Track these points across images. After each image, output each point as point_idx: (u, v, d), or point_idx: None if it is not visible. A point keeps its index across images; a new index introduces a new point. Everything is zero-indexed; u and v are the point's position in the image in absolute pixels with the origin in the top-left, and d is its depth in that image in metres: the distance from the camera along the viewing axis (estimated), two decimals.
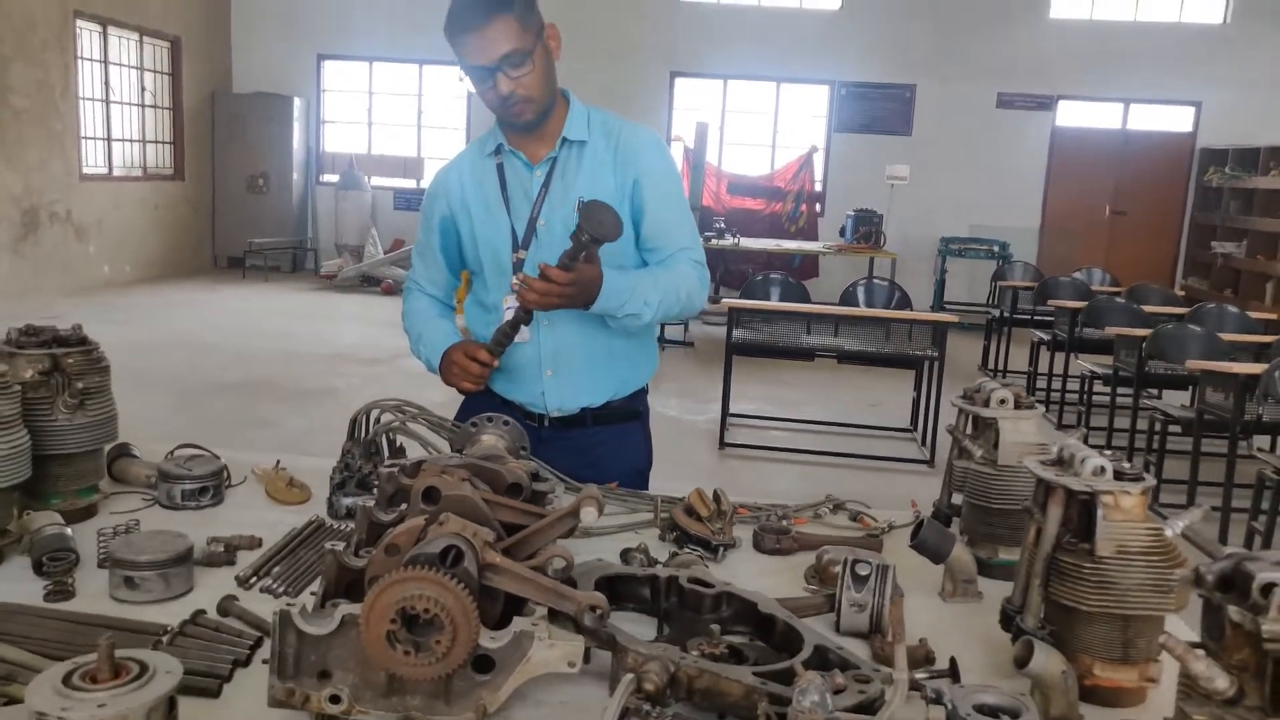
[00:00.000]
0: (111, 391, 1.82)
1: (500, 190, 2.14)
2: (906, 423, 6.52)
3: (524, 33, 1.94)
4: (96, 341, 1.80)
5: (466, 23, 1.92)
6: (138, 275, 11.27)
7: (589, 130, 2.12)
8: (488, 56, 1.93)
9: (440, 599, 1.11)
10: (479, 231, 2.16)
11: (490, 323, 2.16)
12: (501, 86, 1.95)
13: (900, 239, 10.70)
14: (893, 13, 12.00)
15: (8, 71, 9.14)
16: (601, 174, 2.10)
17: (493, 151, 2.14)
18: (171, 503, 1.85)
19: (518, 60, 1.94)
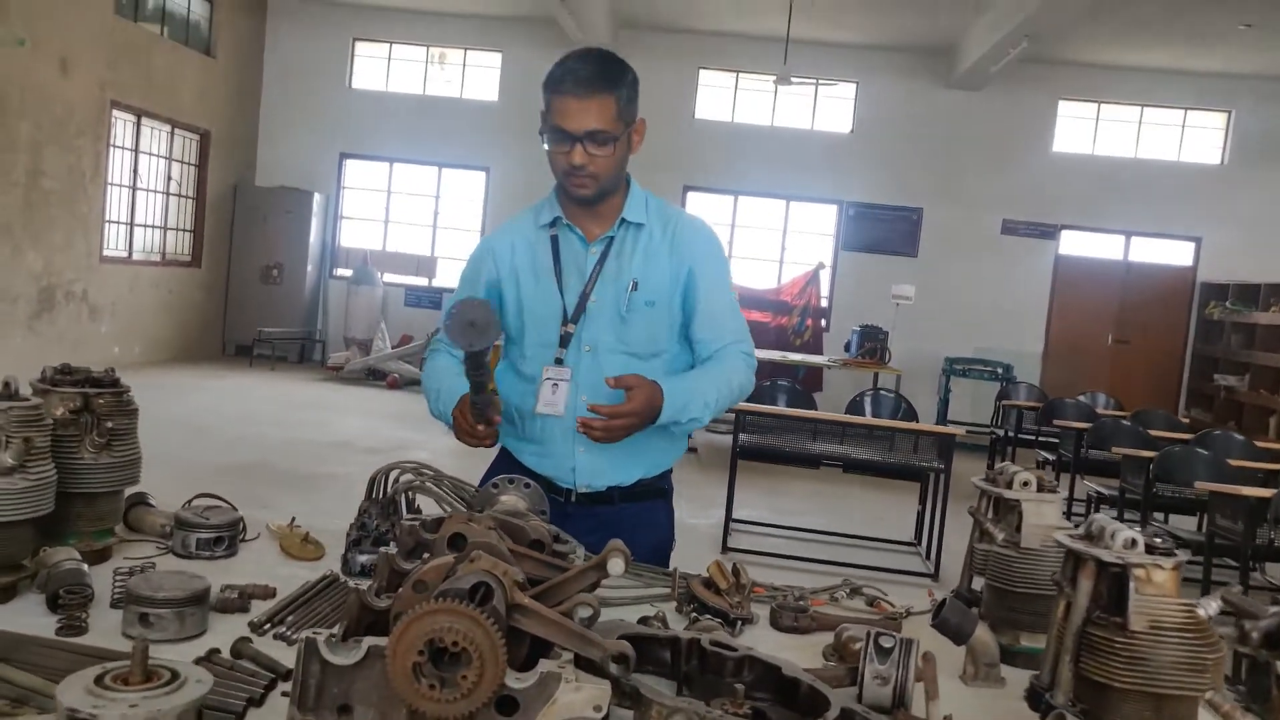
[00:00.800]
0: (138, 436, 1.83)
1: (553, 262, 2.14)
2: (909, 536, 6.46)
3: (618, 119, 2.00)
4: (128, 385, 1.82)
5: (571, 88, 1.97)
6: (147, 358, 11.34)
7: (647, 214, 2.15)
8: (578, 125, 1.97)
9: (470, 633, 1.09)
10: (526, 300, 2.15)
11: (527, 392, 2.16)
12: (576, 157, 1.99)
13: (904, 357, 10.78)
14: (901, 139, 12.41)
15: (41, 155, 9.41)
16: (657, 259, 2.13)
17: (548, 224, 2.16)
18: (186, 551, 1.84)
19: (603, 140, 1.99)
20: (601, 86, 1.98)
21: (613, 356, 2.10)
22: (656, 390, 1.97)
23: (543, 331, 2.14)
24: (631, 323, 2.10)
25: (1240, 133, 12.32)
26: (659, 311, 2.12)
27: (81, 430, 1.72)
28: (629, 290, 2.09)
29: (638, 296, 2.10)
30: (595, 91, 1.97)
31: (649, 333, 2.12)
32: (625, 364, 2.09)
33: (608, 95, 1.98)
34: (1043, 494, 1.72)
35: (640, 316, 2.10)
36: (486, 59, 13.00)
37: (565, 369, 2.11)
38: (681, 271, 2.13)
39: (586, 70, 1.99)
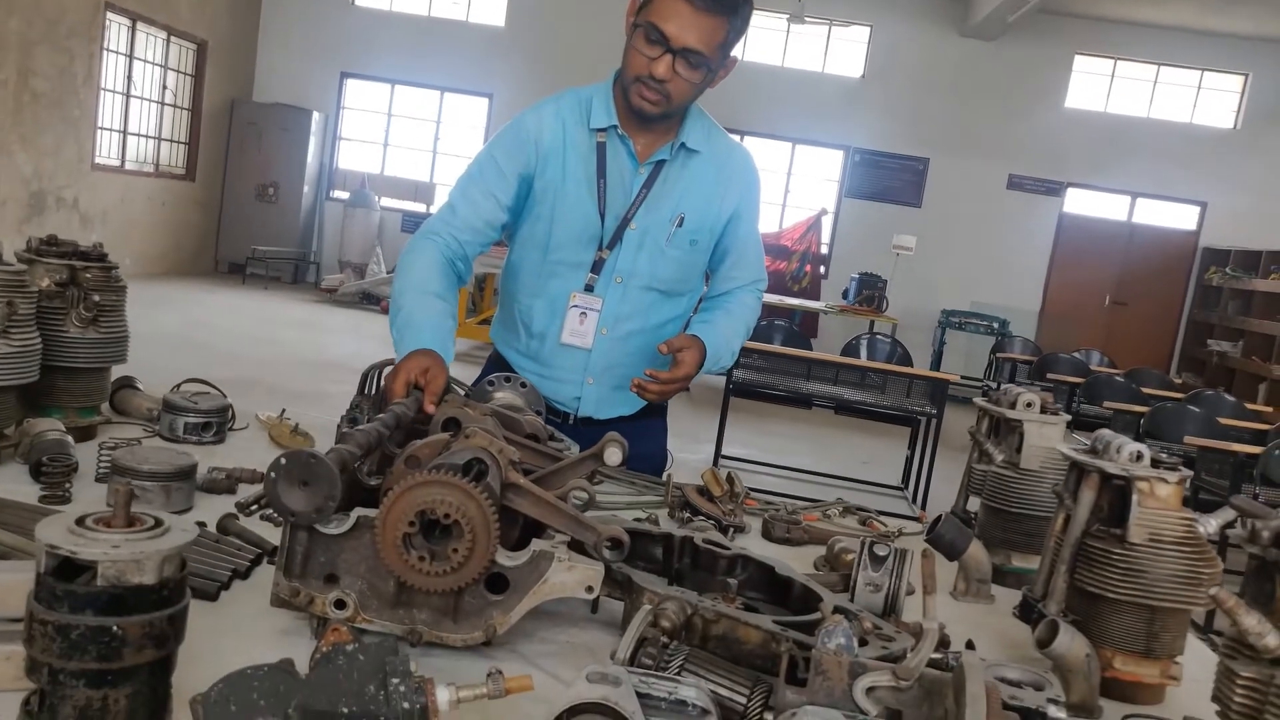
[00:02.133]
0: (126, 313, 1.78)
1: (598, 175, 1.93)
2: (897, 480, 6.48)
3: (720, 46, 1.82)
4: (116, 262, 1.77)
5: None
6: (138, 270, 11.21)
7: (705, 141, 1.99)
8: (681, 36, 1.77)
9: (463, 506, 1.07)
10: (560, 211, 1.94)
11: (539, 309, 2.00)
12: (661, 68, 1.79)
13: (901, 307, 10.76)
14: (913, 86, 12.23)
15: (32, 54, 9.20)
16: (706, 193, 1.99)
17: (600, 128, 1.93)
18: (173, 435, 1.81)
19: (698, 63, 1.81)
20: (723, 6, 1.77)
21: (641, 292, 1.99)
22: (702, 348, 1.91)
23: (571, 250, 1.96)
24: (669, 258, 1.98)
25: (1256, 97, 12.17)
26: (699, 251, 2.02)
27: (68, 303, 1.68)
28: (674, 223, 1.96)
29: (682, 232, 1.97)
30: (715, 9, 1.76)
31: (684, 271, 2.02)
32: (651, 301, 2.00)
33: (723, 18, 1.78)
34: (1046, 415, 1.70)
35: (680, 254, 1.99)
36: None
37: (596, 298, 1.97)
38: (729, 208, 2.02)
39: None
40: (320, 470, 1.08)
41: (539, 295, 2.01)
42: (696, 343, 1.90)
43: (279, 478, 1.09)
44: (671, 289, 2.03)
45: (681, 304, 2.07)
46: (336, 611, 1.10)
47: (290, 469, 1.09)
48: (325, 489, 1.08)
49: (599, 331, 1.99)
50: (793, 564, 1.69)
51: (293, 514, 1.09)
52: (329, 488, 1.08)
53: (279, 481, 1.09)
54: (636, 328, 2.02)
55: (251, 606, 1.19)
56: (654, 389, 1.87)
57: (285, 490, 1.09)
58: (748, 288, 2.11)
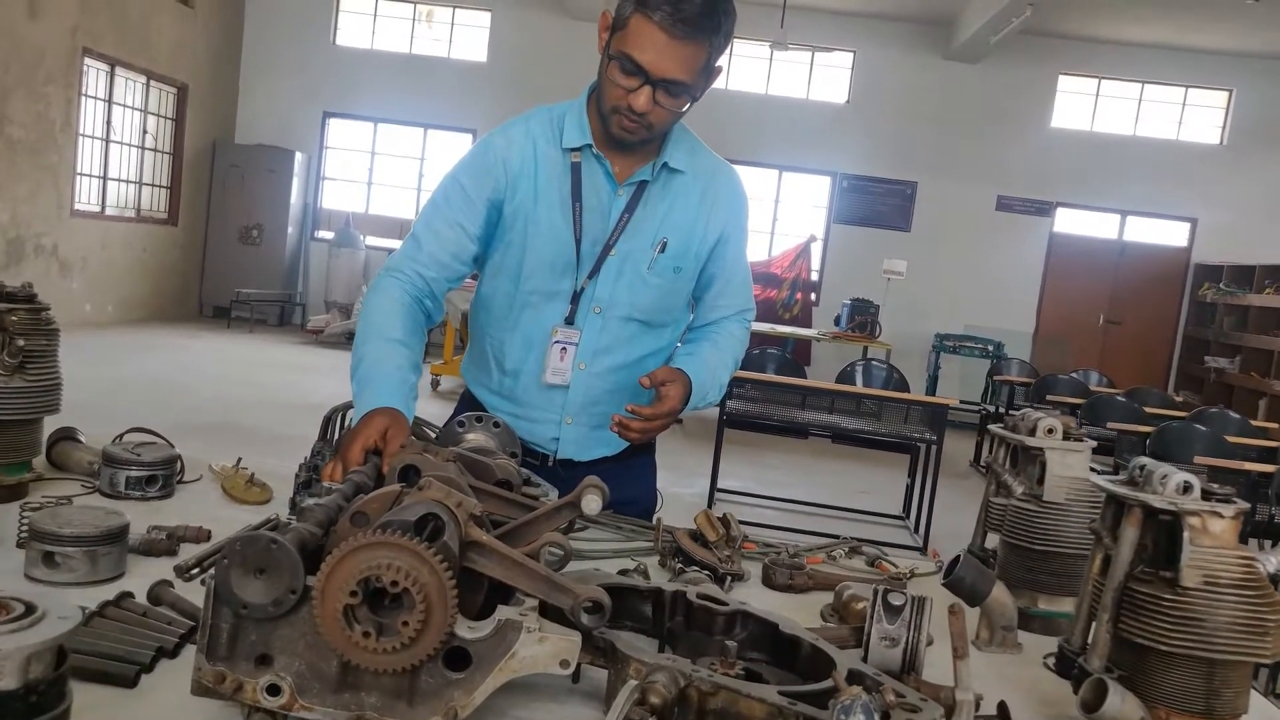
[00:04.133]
0: (58, 360, 1.63)
1: (573, 199, 1.78)
2: (897, 509, 6.33)
3: (702, 71, 1.67)
4: (48, 304, 1.62)
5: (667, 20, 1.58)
6: (120, 317, 11.07)
7: (689, 160, 1.85)
8: (659, 68, 1.62)
9: (413, 570, 0.92)
10: (533, 238, 1.79)
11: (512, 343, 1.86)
12: (640, 101, 1.64)
13: (894, 332, 10.63)
14: (898, 111, 12.21)
15: (8, 101, 9.09)
16: (688, 213, 1.84)
17: (573, 148, 1.79)
18: (114, 490, 1.65)
19: (678, 92, 1.67)
20: (702, 31, 1.61)
21: (621, 323, 1.84)
22: (688, 382, 1.78)
23: (544, 279, 1.81)
24: (651, 286, 1.83)
25: (1241, 112, 12.17)
26: (683, 279, 1.87)
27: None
28: (656, 249, 1.81)
29: (665, 259, 1.82)
30: (694, 35, 1.60)
31: (666, 301, 1.87)
32: (632, 333, 1.86)
33: (702, 42, 1.62)
34: (1069, 442, 1.55)
35: (663, 282, 1.84)
36: (475, 18, 12.69)
37: (575, 331, 1.82)
38: (714, 233, 1.87)
39: (692, 6, 1.59)
40: (281, 557, 0.93)
41: (512, 329, 1.86)
42: (681, 376, 1.77)
43: (232, 565, 0.93)
44: (654, 319, 1.88)
45: (665, 335, 1.93)
46: (270, 698, 0.94)
47: (245, 555, 0.93)
48: (286, 579, 0.93)
49: (576, 366, 1.84)
50: (798, 614, 1.53)
51: (246, 607, 0.93)
52: (291, 578, 0.93)
53: (232, 569, 0.93)
54: (617, 362, 1.87)
55: (177, 693, 1.02)
56: (636, 427, 1.73)
57: (239, 580, 0.93)
58: (735, 318, 1.98)
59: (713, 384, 1.87)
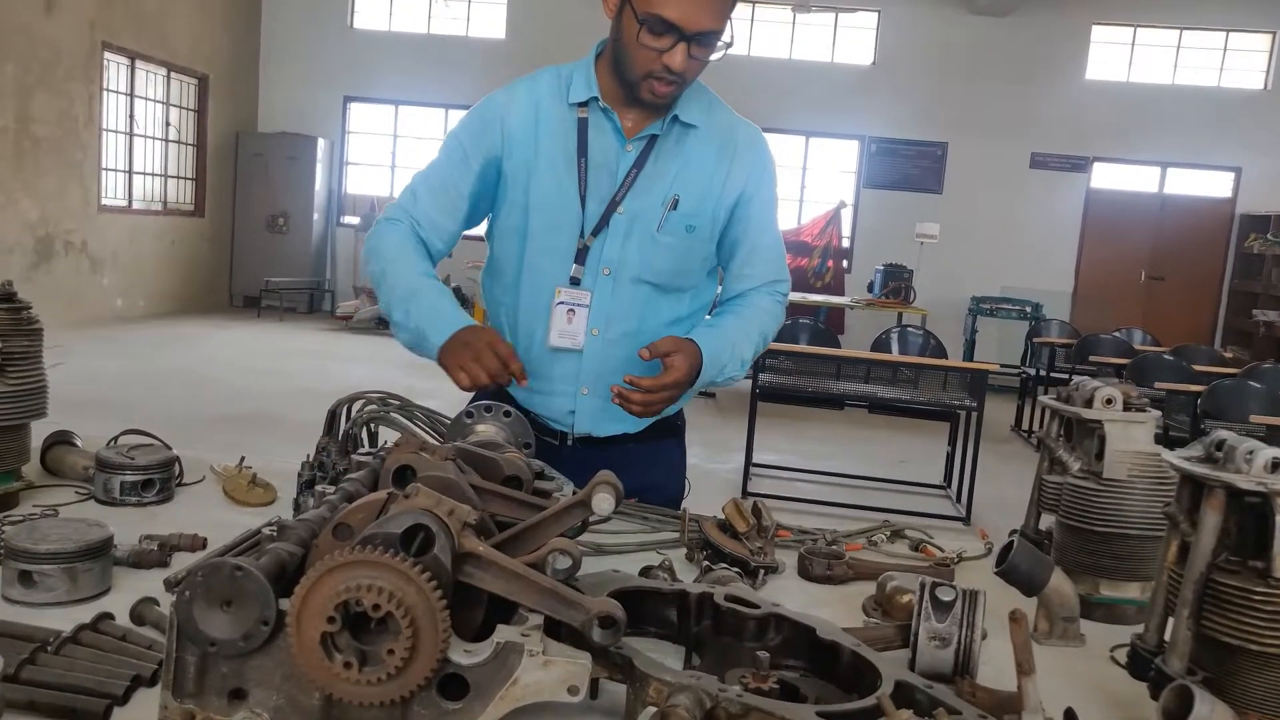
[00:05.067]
0: (43, 362, 1.54)
1: (578, 154, 1.71)
2: (938, 478, 6.17)
3: (725, 16, 1.61)
4: (29, 301, 1.53)
5: None
6: (150, 310, 11.12)
7: (704, 114, 1.76)
8: (694, 21, 1.55)
9: (397, 592, 0.81)
10: (536, 195, 1.72)
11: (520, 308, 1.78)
12: (676, 59, 1.58)
13: (929, 297, 10.41)
14: (926, 70, 11.89)
15: (30, 100, 9.10)
16: (705, 173, 1.74)
17: (580, 102, 1.72)
18: (109, 497, 1.56)
19: (710, 41, 1.60)
20: None
21: (633, 286, 1.74)
22: (695, 352, 1.66)
23: (550, 238, 1.73)
24: (663, 247, 1.73)
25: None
26: (697, 239, 1.76)
27: None
28: (667, 206, 1.72)
29: (676, 217, 1.72)
30: None
31: (681, 263, 1.76)
32: (645, 296, 1.75)
33: None
34: (1130, 413, 1.42)
35: (675, 241, 1.74)
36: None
37: (584, 292, 1.73)
38: (733, 192, 1.76)
39: None
40: (249, 587, 0.82)
41: (520, 292, 1.78)
42: (687, 346, 1.65)
43: (194, 598, 0.83)
44: (667, 283, 1.77)
45: (684, 302, 1.81)
46: None
47: (209, 585, 0.83)
48: (256, 610, 0.83)
49: (589, 332, 1.75)
50: (838, 608, 1.42)
51: (213, 644, 0.83)
52: (261, 608, 0.82)
53: (194, 603, 0.83)
54: (632, 328, 1.75)
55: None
56: (636, 399, 1.61)
57: (203, 614, 0.83)
58: (764, 289, 1.83)
59: (732, 357, 1.74)
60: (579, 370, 1.77)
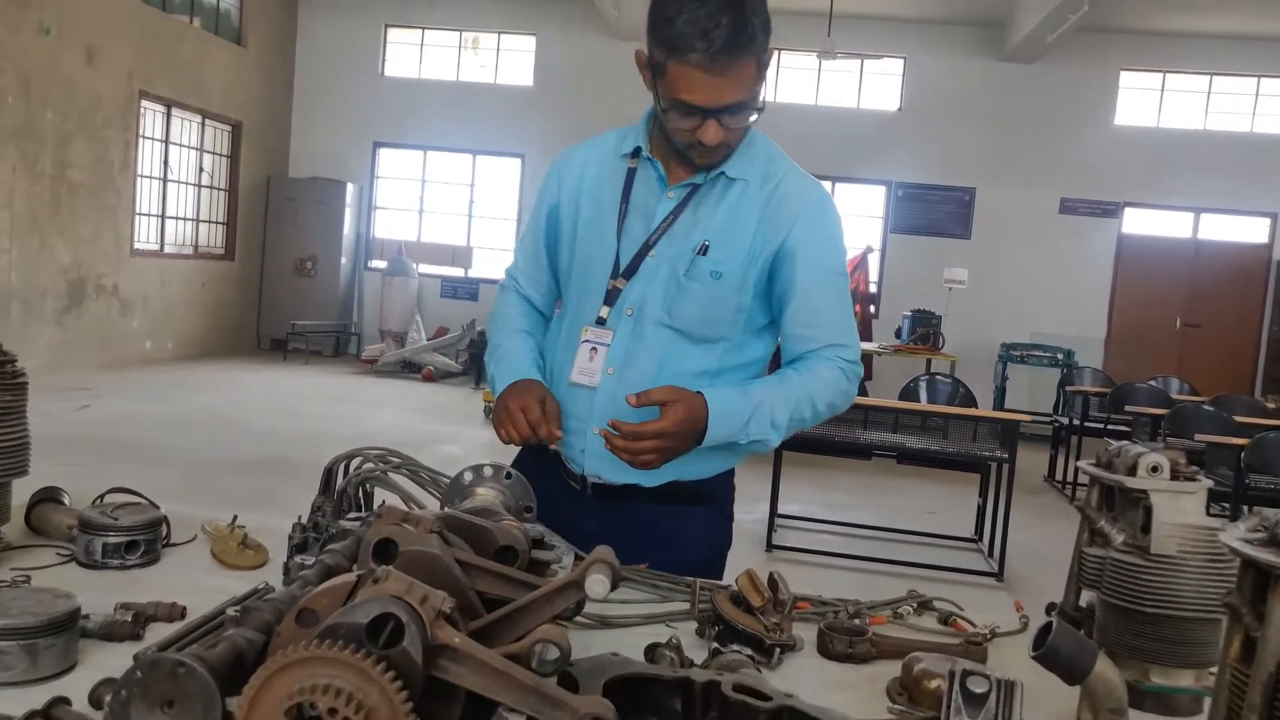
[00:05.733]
0: (25, 415, 1.48)
1: (622, 198, 1.74)
2: (968, 531, 6.00)
3: (756, 78, 1.58)
4: (13, 354, 1.47)
5: (702, 59, 1.51)
6: (179, 352, 11.20)
7: (753, 168, 1.72)
8: (714, 99, 1.54)
9: (357, 693, 0.72)
10: (580, 234, 1.78)
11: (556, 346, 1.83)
12: (709, 135, 1.58)
13: (958, 343, 10.27)
14: (952, 116, 11.86)
15: (68, 146, 9.26)
16: (743, 220, 1.70)
17: (630, 153, 1.75)
18: (91, 559, 1.49)
19: (742, 110, 1.59)
20: (741, 48, 1.51)
21: (656, 329, 1.70)
22: (698, 404, 1.59)
23: (588, 277, 1.77)
24: (688, 292, 1.69)
25: None
26: (725, 286, 1.69)
27: None
28: (696, 251, 1.69)
29: (703, 262, 1.68)
30: (735, 58, 1.52)
31: (706, 311, 1.70)
32: (667, 340, 1.70)
33: (746, 56, 1.53)
34: (1179, 482, 1.30)
35: (700, 287, 1.68)
36: (520, 43, 12.68)
37: (607, 331, 1.72)
38: (773, 243, 1.69)
39: (721, 32, 1.49)
40: (192, 687, 0.74)
41: (560, 331, 1.84)
42: (689, 397, 1.60)
43: (131, 698, 0.75)
44: (693, 330, 1.71)
45: (714, 355, 1.73)
46: None
47: (147, 684, 0.74)
48: (199, 712, 0.74)
49: (605, 370, 1.72)
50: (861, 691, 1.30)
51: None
52: (205, 710, 0.74)
53: (132, 704, 0.74)
54: (651, 372, 1.70)
55: None
56: (619, 444, 1.59)
57: (142, 717, 0.74)
58: (822, 353, 1.72)
59: (758, 419, 1.65)
60: (591, 408, 1.73)
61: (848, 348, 1.75)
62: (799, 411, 1.69)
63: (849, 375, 1.74)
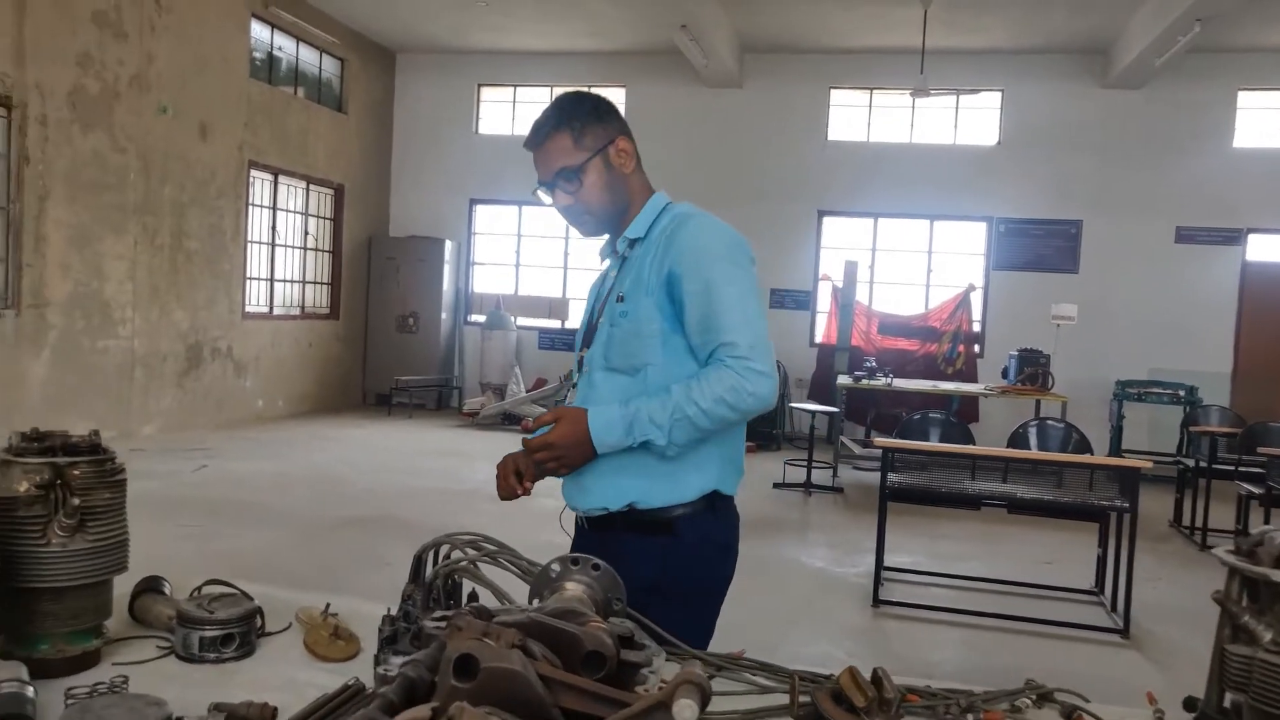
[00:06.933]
0: (125, 513, 1.50)
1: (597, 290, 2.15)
2: (1087, 583, 5.68)
3: (577, 149, 1.97)
4: (113, 451, 1.50)
5: (529, 141, 2.00)
6: (289, 410, 11.59)
7: (653, 225, 2.02)
8: (544, 172, 2.00)
9: None
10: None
11: None
12: (557, 199, 2.01)
13: (1069, 382, 9.85)
14: (1054, 146, 11.49)
15: (185, 217, 9.75)
16: (644, 265, 1.97)
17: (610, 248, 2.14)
18: (188, 653, 1.50)
19: (569, 176, 1.97)
20: (550, 128, 1.97)
21: (600, 374, 2.00)
22: (579, 419, 1.89)
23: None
24: (613, 337, 1.99)
25: None
26: (633, 320, 1.96)
27: (50, 510, 1.40)
28: (616, 302, 2.00)
29: (618, 308, 1.99)
30: (546, 135, 1.98)
31: (626, 345, 1.96)
32: (603, 378, 1.99)
33: (559, 132, 1.97)
34: None
35: (617, 330, 1.98)
36: (611, 95, 12.84)
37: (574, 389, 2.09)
38: (663, 272, 1.93)
39: (538, 120, 2.00)
40: None
41: None
42: (569, 413, 1.90)
43: None
44: (622, 364, 1.97)
45: (640, 380, 1.95)
46: None
47: None
48: None
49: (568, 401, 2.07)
50: None
51: None
52: None
53: None
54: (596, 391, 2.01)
55: None
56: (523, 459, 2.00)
57: None
58: (714, 355, 1.88)
59: (640, 423, 1.86)
60: None
61: (735, 345, 1.84)
62: (680, 410, 1.83)
63: (739, 370, 1.83)
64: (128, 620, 1.63)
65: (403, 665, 1.07)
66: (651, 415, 1.86)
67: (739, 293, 1.89)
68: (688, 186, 12.85)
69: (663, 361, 1.93)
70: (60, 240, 8.34)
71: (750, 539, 6.49)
